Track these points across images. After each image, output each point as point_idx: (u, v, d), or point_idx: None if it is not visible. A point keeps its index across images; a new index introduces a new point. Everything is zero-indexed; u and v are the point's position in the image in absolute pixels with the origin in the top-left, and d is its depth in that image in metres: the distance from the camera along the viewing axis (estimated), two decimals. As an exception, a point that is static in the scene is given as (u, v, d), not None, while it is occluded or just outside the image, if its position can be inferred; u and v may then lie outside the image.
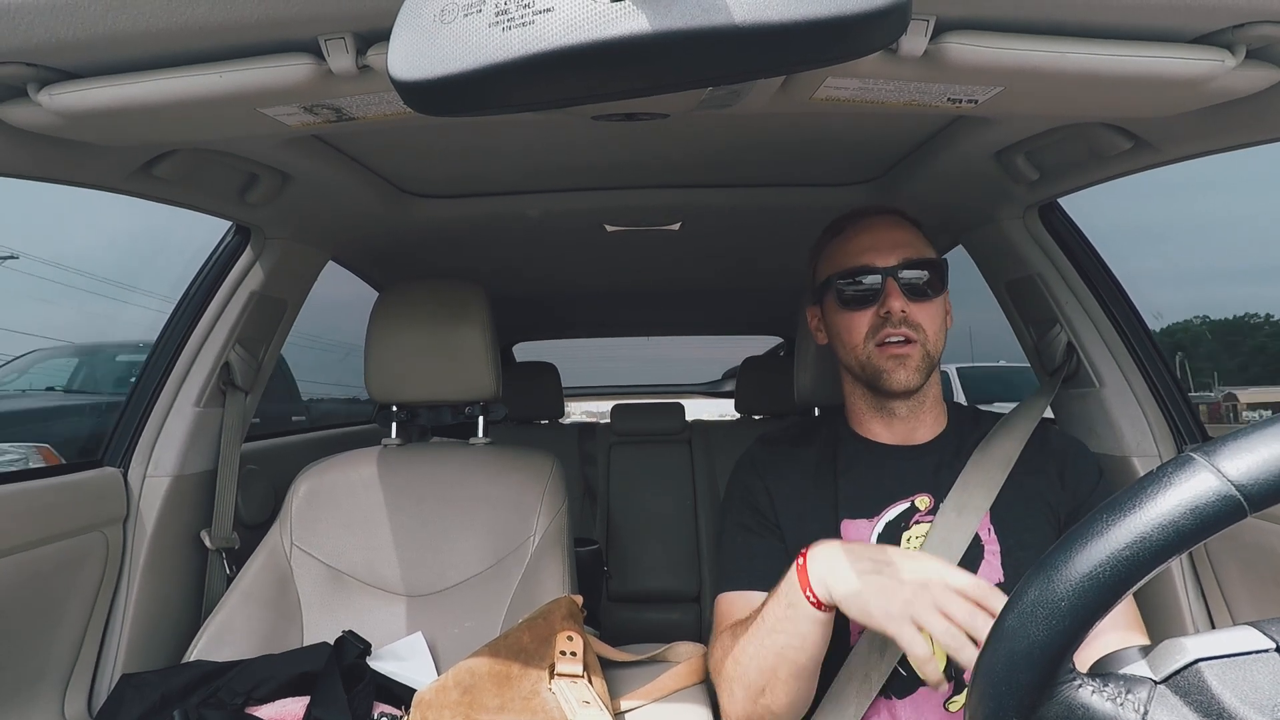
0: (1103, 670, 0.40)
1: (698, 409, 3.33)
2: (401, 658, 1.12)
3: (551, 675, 0.97)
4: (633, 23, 0.43)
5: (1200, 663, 0.37)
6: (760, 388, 2.51)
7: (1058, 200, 1.23)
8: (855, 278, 0.95)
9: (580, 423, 2.86)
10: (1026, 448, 0.96)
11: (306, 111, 0.80)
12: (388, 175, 1.28)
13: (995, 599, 0.69)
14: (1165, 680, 0.37)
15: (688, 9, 0.43)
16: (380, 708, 1.00)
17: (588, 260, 1.88)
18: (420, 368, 1.26)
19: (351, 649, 1.07)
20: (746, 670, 0.82)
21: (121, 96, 0.73)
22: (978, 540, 0.89)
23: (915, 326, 0.93)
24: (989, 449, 0.95)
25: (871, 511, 0.93)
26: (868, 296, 0.95)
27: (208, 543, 1.33)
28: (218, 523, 1.35)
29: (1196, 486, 0.36)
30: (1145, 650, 0.39)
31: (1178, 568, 1.11)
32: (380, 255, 1.72)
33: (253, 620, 1.14)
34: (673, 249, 1.72)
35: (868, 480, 0.96)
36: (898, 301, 0.92)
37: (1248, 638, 0.37)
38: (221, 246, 1.37)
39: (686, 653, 1.14)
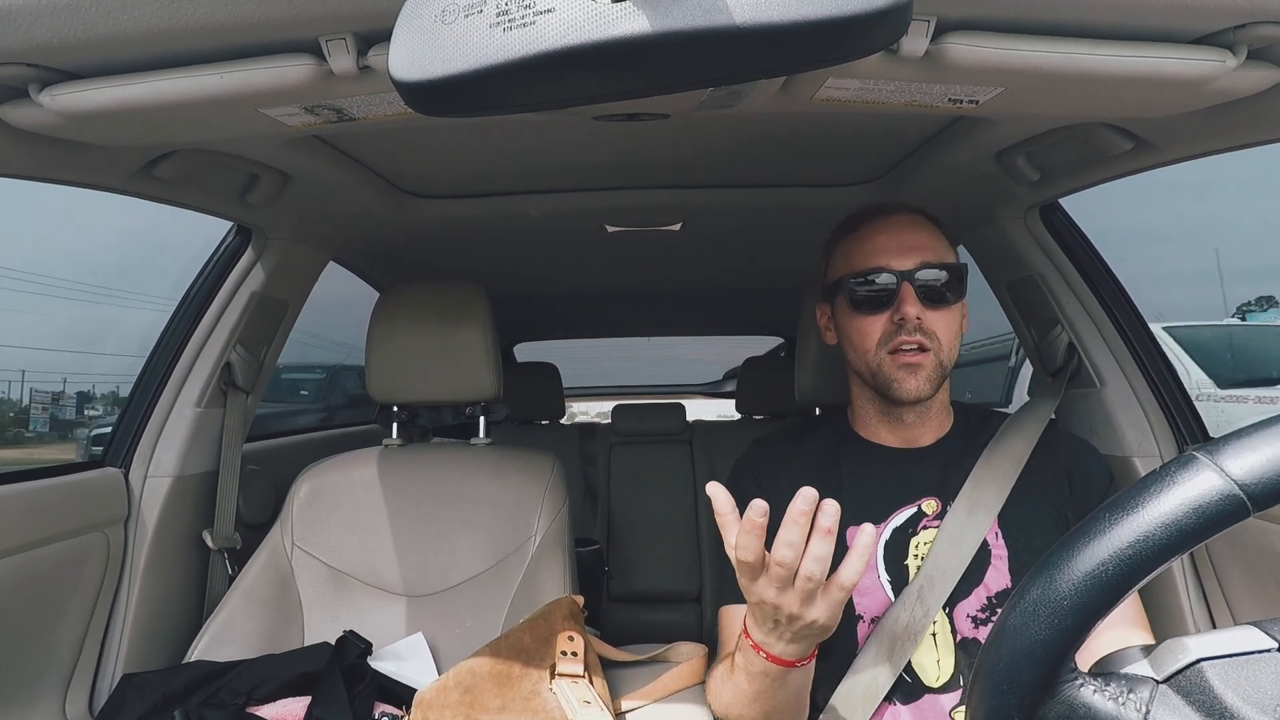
0: (1104, 669, 0.40)
1: (699, 409, 3.33)
2: (402, 658, 1.12)
3: (552, 675, 0.97)
4: (633, 23, 0.43)
5: (1202, 662, 0.37)
6: (761, 388, 2.51)
7: (1059, 201, 1.23)
8: (869, 280, 0.91)
9: (581, 423, 2.85)
10: (1034, 450, 0.94)
11: (307, 112, 0.80)
12: (388, 176, 1.28)
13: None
14: (1167, 680, 0.37)
15: (688, 10, 0.43)
16: (381, 708, 1.00)
17: (588, 260, 1.88)
18: (421, 368, 1.26)
19: (352, 649, 1.07)
20: (741, 716, 0.84)
21: (122, 97, 0.73)
22: (985, 544, 0.88)
23: (930, 335, 0.89)
24: (999, 449, 0.94)
25: (878, 517, 0.91)
26: (882, 300, 0.91)
27: (209, 543, 1.33)
28: (219, 523, 1.35)
29: (1200, 485, 0.36)
30: (1147, 650, 0.39)
31: (1179, 569, 1.10)
32: (381, 256, 1.72)
33: (254, 620, 1.14)
34: (673, 249, 1.72)
35: (873, 485, 0.94)
36: (913, 308, 0.88)
37: (1250, 637, 0.37)
38: (222, 247, 1.37)
39: (687, 653, 1.14)
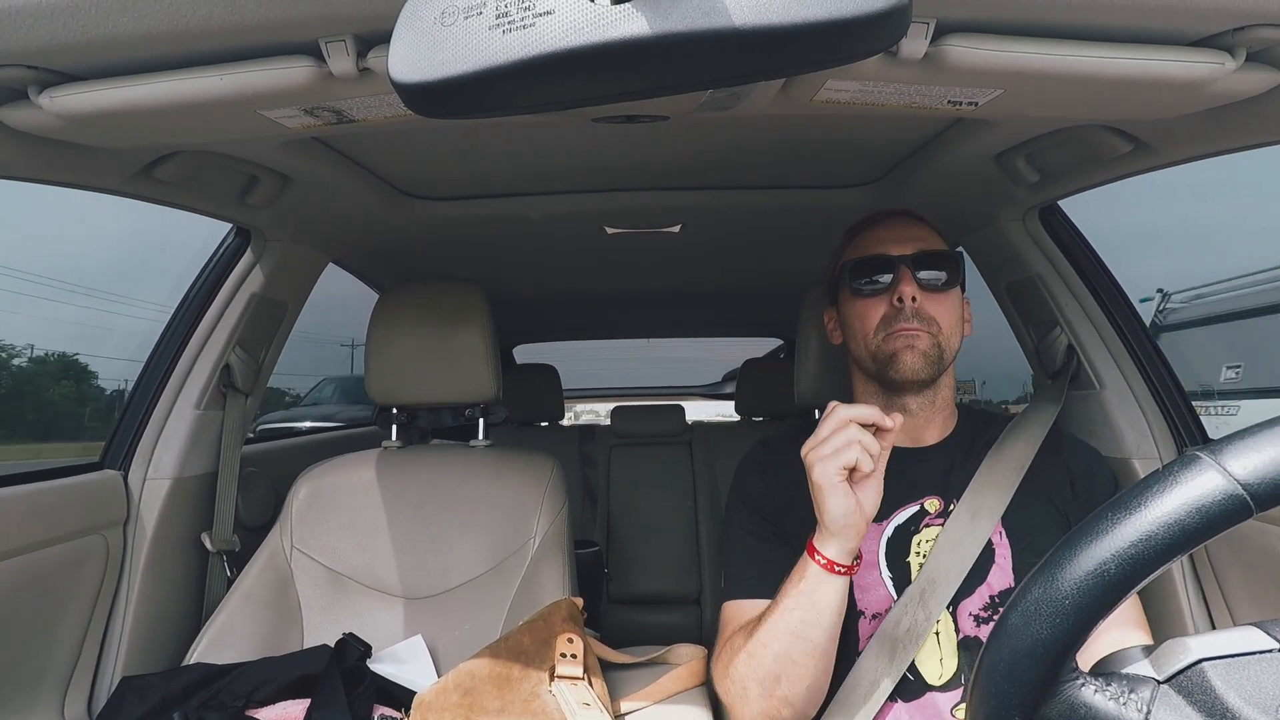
0: (1106, 669, 0.40)
1: (698, 411, 3.33)
2: (402, 660, 1.12)
3: (552, 677, 0.97)
4: (633, 25, 0.43)
5: (1204, 663, 0.37)
6: (760, 389, 2.51)
7: (1058, 202, 1.23)
8: (868, 264, 0.96)
9: (580, 425, 2.85)
10: (1038, 452, 0.95)
11: (307, 114, 0.80)
12: (388, 177, 1.28)
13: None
14: (1168, 680, 0.37)
15: (688, 11, 0.43)
16: (381, 710, 1.00)
17: (588, 262, 1.88)
18: (420, 370, 1.26)
19: (352, 651, 1.07)
20: (762, 661, 0.82)
21: (122, 99, 0.73)
22: (989, 544, 0.89)
23: (928, 320, 0.93)
24: (1002, 452, 0.95)
25: (880, 515, 0.92)
26: (881, 283, 0.95)
27: (208, 545, 1.33)
28: (218, 525, 1.35)
29: (1203, 485, 0.36)
30: (1148, 650, 0.39)
31: (1179, 570, 1.10)
32: (380, 257, 1.72)
33: (253, 623, 1.14)
34: (673, 251, 1.72)
35: None
36: (910, 288, 0.92)
37: (1251, 638, 0.37)
38: (222, 249, 1.37)
39: (687, 655, 1.14)
